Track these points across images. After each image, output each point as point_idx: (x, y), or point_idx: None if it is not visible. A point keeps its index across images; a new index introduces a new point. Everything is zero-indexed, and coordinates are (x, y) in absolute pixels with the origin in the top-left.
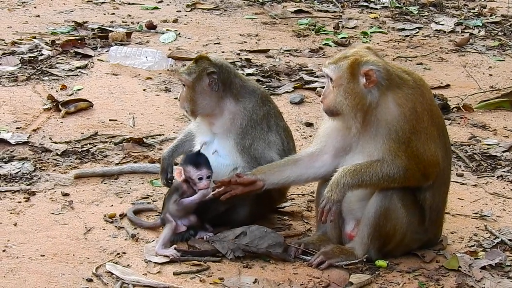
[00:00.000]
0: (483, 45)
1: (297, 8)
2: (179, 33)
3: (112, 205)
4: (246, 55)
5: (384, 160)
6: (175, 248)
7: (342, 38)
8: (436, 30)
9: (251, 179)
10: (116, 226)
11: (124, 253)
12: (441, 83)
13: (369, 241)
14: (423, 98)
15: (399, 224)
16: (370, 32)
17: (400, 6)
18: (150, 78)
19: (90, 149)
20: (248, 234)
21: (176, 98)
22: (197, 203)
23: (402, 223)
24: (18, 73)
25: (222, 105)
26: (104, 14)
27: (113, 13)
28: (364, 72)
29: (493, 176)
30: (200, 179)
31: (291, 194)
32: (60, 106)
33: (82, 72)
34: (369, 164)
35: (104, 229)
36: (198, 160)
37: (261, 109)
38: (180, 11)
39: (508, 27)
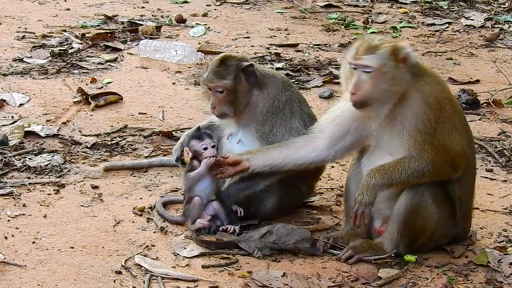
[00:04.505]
0: None
1: (327, 3)
2: (209, 27)
3: (141, 198)
4: (275, 49)
5: (411, 156)
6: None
7: (371, 32)
8: (466, 25)
9: (236, 159)
10: (145, 219)
11: (153, 245)
12: (471, 78)
13: (399, 237)
14: (442, 87)
15: (429, 220)
16: (400, 27)
17: (430, 1)
18: (180, 72)
19: (119, 142)
20: (274, 232)
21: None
22: (204, 175)
23: (432, 219)
24: (48, 66)
25: (250, 97)
26: (134, 8)
27: (143, 7)
28: (403, 57)
29: None
30: (205, 149)
31: (319, 188)
32: (90, 99)
33: (111, 66)
34: (396, 162)
35: (133, 221)
36: (199, 133)
37: (283, 95)
38: (210, 5)
39: None
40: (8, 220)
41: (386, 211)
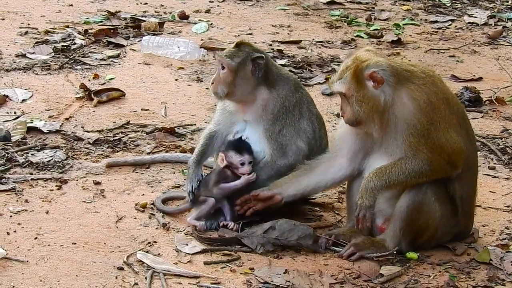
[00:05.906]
0: None
1: (330, 0)
2: (212, 24)
3: (143, 194)
4: (278, 46)
5: (406, 157)
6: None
7: (374, 29)
8: (469, 22)
9: (268, 195)
10: (147, 215)
11: (155, 242)
12: (474, 75)
13: (401, 234)
14: (436, 87)
15: (431, 218)
16: (403, 24)
17: None
18: (182, 68)
19: (122, 138)
20: (277, 228)
21: (208, 88)
22: (239, 189)
23: (434, 217)
24: (51, 62)
25: (256, 92)
26: (137, 4)
27: (146, 3)
28: (368, 75)
29: None
30: (242, 164)
31: None
32: (92, 95)
33: (114, 62)
34: (393, 164)
35: (135, 218)
36: (240, 145)
37: (293, 96)
38: (213, 2)
39: None
40: (11, 216)
41: (388, 210)
